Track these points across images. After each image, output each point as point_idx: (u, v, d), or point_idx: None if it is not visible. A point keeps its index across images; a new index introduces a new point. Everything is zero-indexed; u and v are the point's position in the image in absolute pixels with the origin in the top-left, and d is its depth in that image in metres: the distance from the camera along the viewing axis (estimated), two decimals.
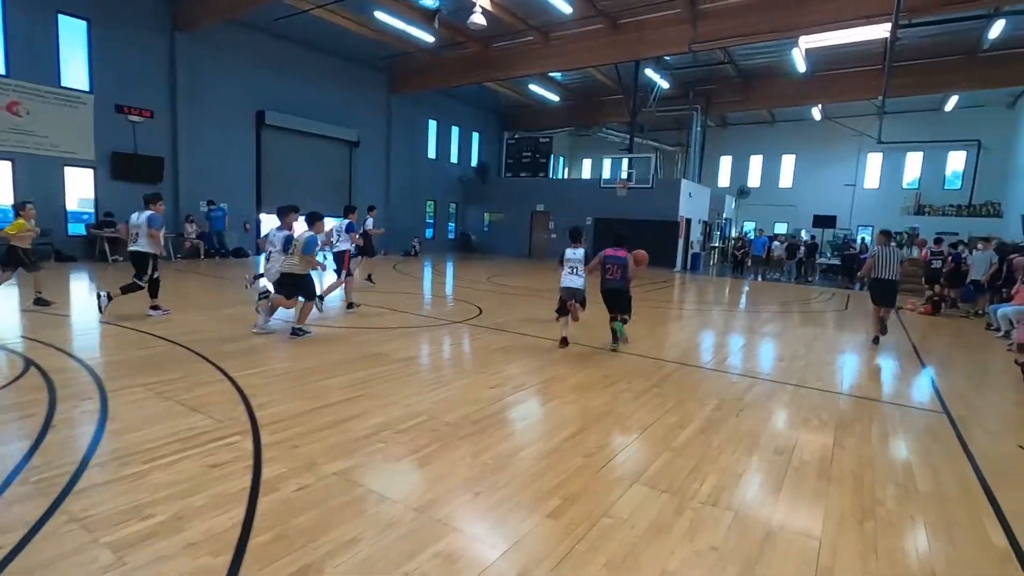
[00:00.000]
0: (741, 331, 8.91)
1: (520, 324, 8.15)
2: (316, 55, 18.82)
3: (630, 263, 6.59)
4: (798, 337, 8.48)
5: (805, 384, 5.64)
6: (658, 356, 6.59)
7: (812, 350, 7.50)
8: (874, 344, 8.20)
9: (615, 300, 6.71)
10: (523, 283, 13.90)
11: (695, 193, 22.46)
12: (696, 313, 10.67)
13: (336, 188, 20.42)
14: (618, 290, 6.63)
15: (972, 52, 17.49)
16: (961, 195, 24.74)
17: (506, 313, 9.14)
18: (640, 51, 16.29)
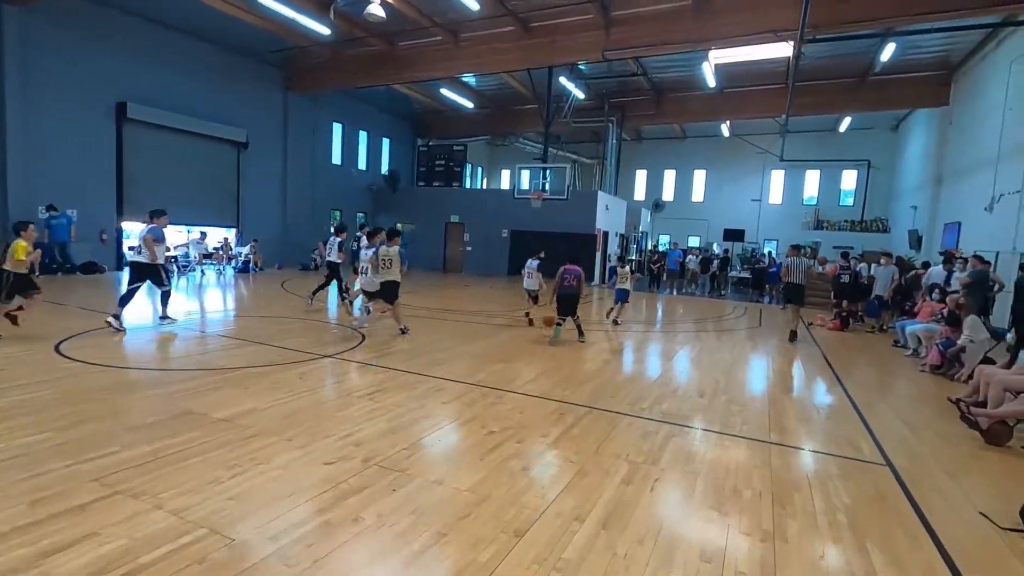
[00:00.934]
0: (658, 357, 8.10)
1: (406, 356, 6.85)
2: (196, 44, 16.61)
3: (582, 276, 8.59)
4: (716, 363, 7.77)
5: (730, 431, 4.76)
6: (563, 397, 5.51)
7: (732, 380, 6.76)
8: (791, 341, 9.96)
9: (570, 304, 8.55)
10: (428, 302, 12.57)
11: (612, 206, 22.14)
12: (610, 335, 9.81)
13: (221, 194, 18.14)
14: (573, 295, 8.49)
15: (865, 75, 18.32)
16: (854, 211, 26.23)
17: (396, 342, 7.78)
18: (552, 56, 15.57)
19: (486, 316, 10.82)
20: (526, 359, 7.18)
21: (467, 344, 7.92)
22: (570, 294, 8.43)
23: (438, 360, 6.69)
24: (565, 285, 8.42)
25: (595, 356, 7.70)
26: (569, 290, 8.41)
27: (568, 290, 8.42)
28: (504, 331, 9.24)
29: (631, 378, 6.77)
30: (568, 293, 8.43)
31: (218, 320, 9.19)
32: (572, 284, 8.38)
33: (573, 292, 8.41)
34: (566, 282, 8.41)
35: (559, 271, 8.54)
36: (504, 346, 7.98)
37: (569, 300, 8.46)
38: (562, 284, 8.45)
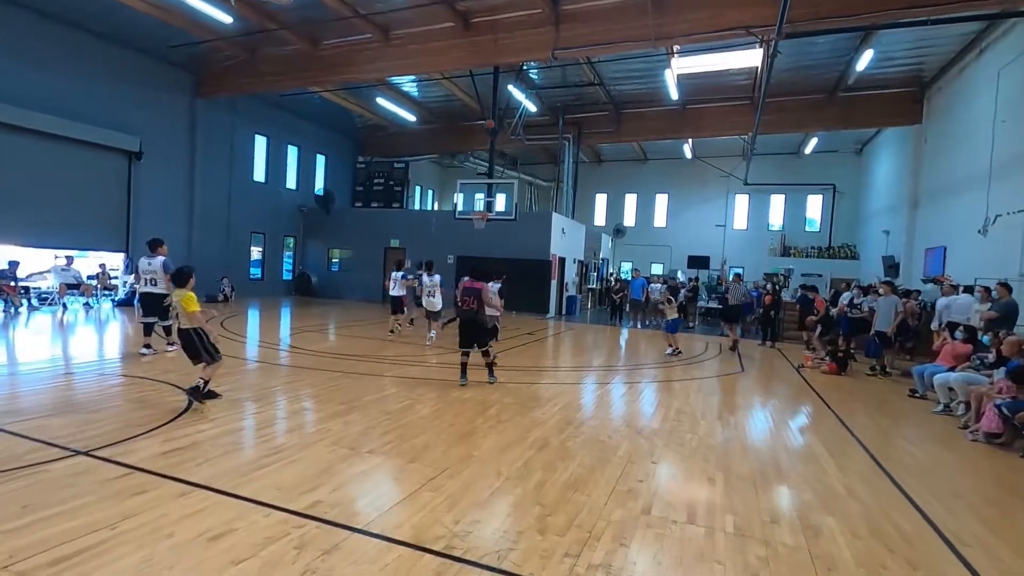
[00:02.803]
0: (621, 430, 5.78)
1: (217, 450, 4.34)
2: (75, 34, 13.93)
3: (485, 294, 7.12)
4: (705, 445, 5.52)
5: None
6: (448, 540, 3.11)
7: (732, 473, 4.49)
8: (731, 351, 11.37)
9: (470, 331, 6.99)
10: (341, 345, 10.02)
11: (569, 229, 20.16)
12: (562, 392, 7.50)
13: (106, 212, 15.21)
14: (472, 320, 6.97)
15: (834, 91, 17.09)
16: (820, 237, 25.11)
17: (203, 423, 5.25)
18: (496, 56, 13.59)
19: (405, 361, 8.38)
20: (410, 438, 4.77)
21: (338, 416, 5.45)
22: (469, 318, 6.90)
23: (265, 460, 4.19)
24: (463, 308, 6.90)
25: (533, 428, 5.33)
26: (467, 314, 6.88)
27: (467, 313, 6.89)
28: (419, 388, 6.81)
29: (588, 470, 4.42)
30: (467, 318, 6.91)
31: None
32: (471, 305, 6.86)
33: (472, 316, 6.90)
34: (464, 303, 6.90)
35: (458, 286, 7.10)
36: (395, 414, 5.54)
37: (469, 326, 6.94)
38: (460, 307, 6.93)
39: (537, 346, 11.22)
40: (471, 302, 6.88)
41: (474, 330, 6.94)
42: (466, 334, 6.94)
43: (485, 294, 6.89)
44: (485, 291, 6.89)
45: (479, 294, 6.91)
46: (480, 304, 6.86)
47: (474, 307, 6.87)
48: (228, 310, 14.87)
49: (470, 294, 6.91)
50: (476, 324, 6.95)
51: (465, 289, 6.98)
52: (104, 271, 14.31)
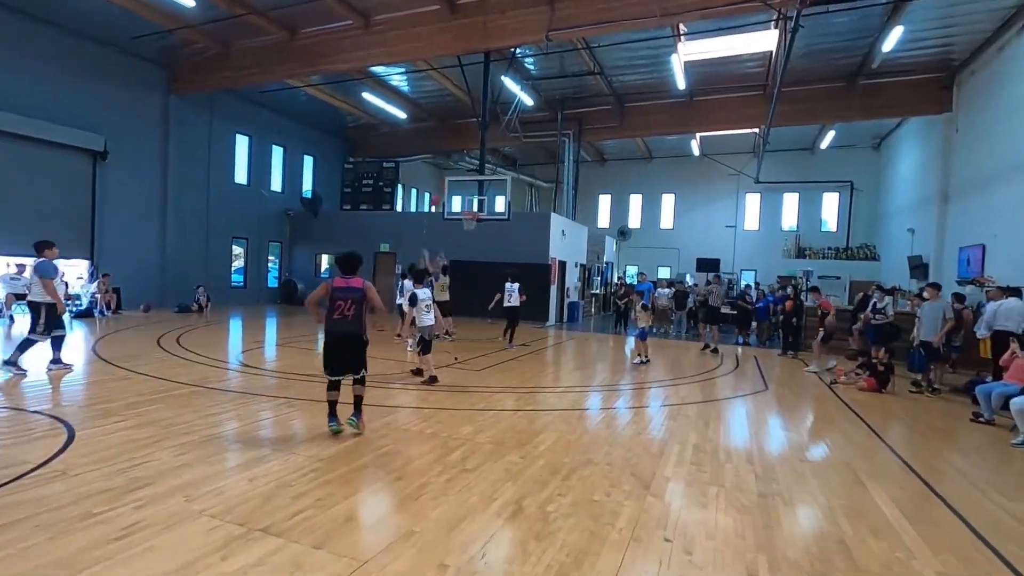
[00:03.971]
0: (623, 482, 4.47)
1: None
2: (27, 25, 12.85)
3: (371, 296, 4.92)
4: (737, 501, 4.22)
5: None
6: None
7: (779, 557, 3.18)
8: (705, 351, 11.77)
9: (347, 351, 4.92)
10: (288, 363, 8.78)
11: (570, 231, 18.89)
12: (551, 422, 6.22)
13: (69, 214, 14.09)
14: (352, 335, 4.91)
15: (855, 78, 15.76)
16: (837, 238, 23.71)
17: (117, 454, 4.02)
18: (486, 40, 12.39)
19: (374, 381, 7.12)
20: (332, 503, 3.51)
21: (242, 468, 4.20)
22: (345, 333, 4.88)
23: (107, 549, 2.95)
24: (335, 318, 4.86)
25: (491, 466, 4.03)
26: (343, 325, 4.86)
27: (340, 326, 4.86)
28: (375, 419, 5.54)
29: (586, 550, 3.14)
30: (342, 331, 4.88)
31: None
32: (347, 314, 4.83)
33: (349, 331, 4.87)
34: (337, 312, 4.84)
35: (323, 287, 5.02)
36: (327, 462, 4.28)
37: (343, 345, 4.89)
38: (330, 316, 4.88)
39: (531, 360, 9.93)
40: (347, 308, 4.83)
41: (351, 350, 4.92)
42: (338, 356, 4.90)
43: (371, 296, 4.91)
44: (370, 292, 4.90)
45: (360, 298, 4.87)
46: (362, 312, 4.90)
47: (350, 316, 4.84)
48: (199, 321, 13.68)
49: (346, 296, 4.84)
50: (355, 342, 4.92)
51: (337, 290, 4.85)
52: (61, 279, 13.12)
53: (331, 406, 4.93)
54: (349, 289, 4.86)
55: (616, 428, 5.65)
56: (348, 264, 5.00)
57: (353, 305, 4.84)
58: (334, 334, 4.91)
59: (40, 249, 7.09)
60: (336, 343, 4.91)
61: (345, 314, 4.83)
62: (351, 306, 4.83)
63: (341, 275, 4.98)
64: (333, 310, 4.85)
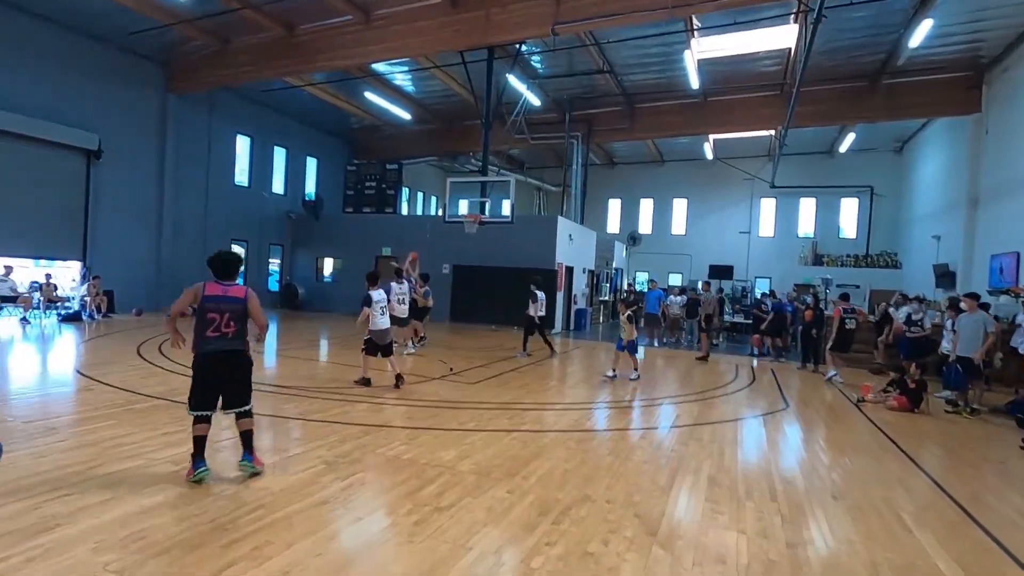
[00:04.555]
0: (625, 527, 3.84)
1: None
2: (17, 19, 12.54)
3: (254, 309, 3.93)
4: (762, 553, 3.57)
5: None
6: None
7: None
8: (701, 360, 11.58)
9: (228, 377, 3.85)
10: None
11: (577, 236, 18.25)
12: (547, 446, 5.60)
13: (61, 214, 13.72)
14: (235, 353, 3.85)
15: (877, 77, 15.03)
16: (856, 245, 22.84)
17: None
18: (488, 34, 11.85)
19: (360, 395, 6.54)
20: (275, 551, 2.92)
21: (131, 522, 3.62)
22: (225, 351, 3.81)
23: None
24: (210, 335, 3.78)
25: (470, 504, 3.43)
26: (220, 343, 3.79)
27: (217, 344, 3.79)
28: (345, 442, 4.95)
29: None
30: (220, 350, 3.80)
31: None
32: (225, 331, 3.80)
33: (229, 349, 3.82)
34: (212, 328, 3.78)
35: (191, 292, 3.87)
36: (253, 507, 3.69)
37: (223, 367, 3.82)
38: (202, 334, 3.79)
39: (531, 372, 9.30)
40: (224, 323, 3.81)
41: (233, 376, 3.88)
42: (214, 385, 3.85)
43: (254, 308, 3.95)
44: (253, 303, 3.96)
45: (242, 311, 3.88)
46: (244, 328, 3.92)
47: (230, 332, 3.83)
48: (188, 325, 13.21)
49: (222, 308, 3.81)
50: (238, 363, 3.90)
51: (211, 300, 3.81)
52: (48, 282, 12.75)
53: (199, 444, 3.79)
54: (227, 299, 3.81)
55: (620, 454, 5.00)
56: (225, 266, 3.92)
57: (232, 320, 3.81)
58: (210, 355, 3.77)
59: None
60: (213, 367, 3.79)
61: (223, 331, 3.78)
62: (229, 321, 3.79)
63: (216, 280, 3.88)
64: (206, 326, 3.76)
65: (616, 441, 5.42)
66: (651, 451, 5.16)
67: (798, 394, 8.71)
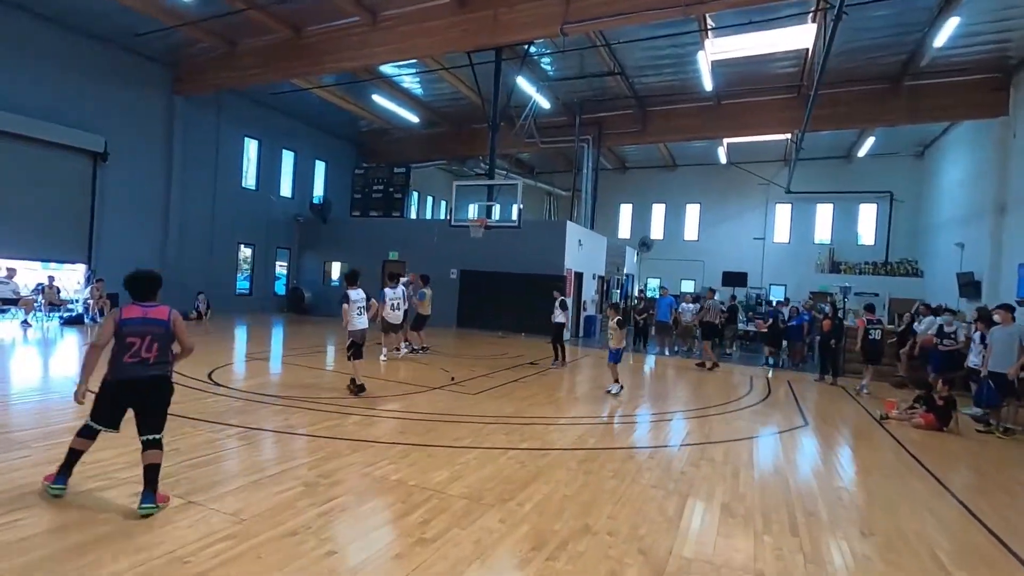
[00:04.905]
0: (629, 572, 3.50)
1: None
2: (23, 20, 12.51)
3: (178, 330, 3.63)
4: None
5: None
6: None
7: None
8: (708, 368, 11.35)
9: (143, 402, 3.49)
10: (253, 383, 7.96)
11: (587, 241, 17.89)
12: (545, 467, 5.25)
13: (67, 217, 13.67)
14: (156, 379, 3.52)
15: (899, 79, 14.54)
16: (875, 252, 22.19)
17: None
18: (496, 35, 11.59)
19: (352, 404, 6.24)
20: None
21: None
22: (146, 377, 3.46)
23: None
24: (127, 361, 3.42)
25: (456, 538, 3.09)
26: (141, 370, 3.44)
27: (138, 370, 3.43)
28: (327, 461, 4.64)
29: None
30: (140, 377, 3.44)
31: None
32: (145, 356, 3.44)
33: (153, 375, 3.48)
34: (129, 354, 3.41)
35: (110, 320, 3.49)
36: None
37: (144, 394, 3.48)
38: (118, 359, 3.43)
39: (537, 382, 8.95)
40: (145, 348, 3.45)
41: (150, 401, 3.53)
42: (121, 406, 3.50)
43: (179, 331, 3.64)
44: (179, 326, 3.64)
45: (165, 334, 3.54)
46: (167, 353, 3.60)
47: (151, 358, 3.48)
48: (194, 330, 13.05)
49: (143, 332, 3.46)
50: (159, 389, 3.56)
51: (130, 323, 3.44)
52: (51, 284, 12.66)
53: (71, 456, 3.49)
54: (147, 322, 3.47)
55: (626, 476, 4.64)
56: (143, 287, 3.57)
57: (155, 343, 3.48)
58: (126, 383, 3.44)
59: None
60: (128, 391, 3.46)
61: (143, 356, 3.43)
62: (152, 344, 3.46)
63: (134, 301, 3.54)
64: (124, 350, 3.41)
65: (622, 461, 5.05)
66: (659, 473, 4.78)
67: (817, 409, 8.27)
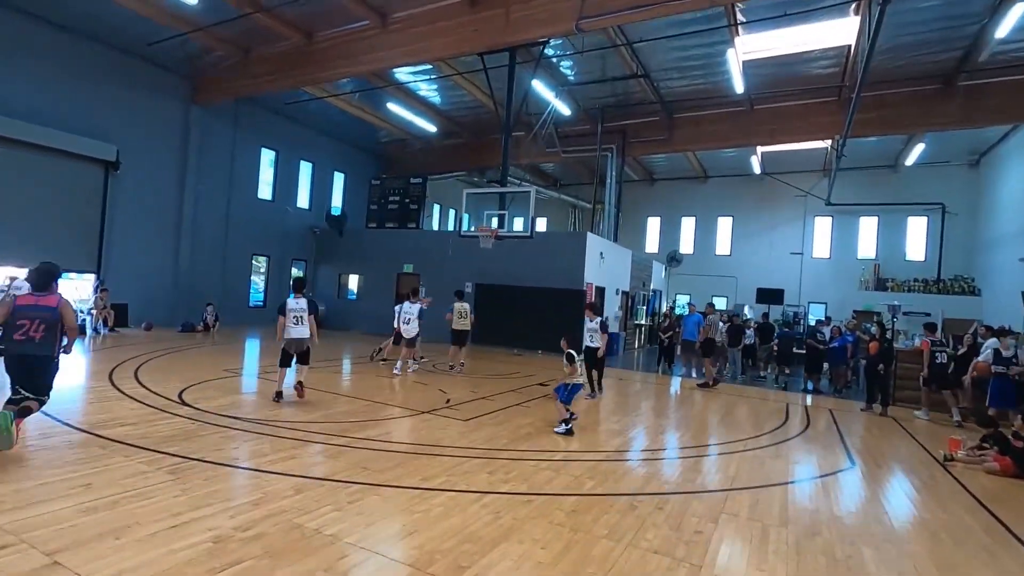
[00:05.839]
0: None
1: None
2: (35, 27, 12.49)
3: (66, 317, 4.52)
4: None
5: None
6: None
7: None
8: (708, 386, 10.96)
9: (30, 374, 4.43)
10: (230, 401, 7.30)
11: (610, 254, 16.95)
12: (525, 523, 4.37)
13: (77, 225, 13.52)
14: (40, 358, 4.44)
15: (952, 79, 13.29)
16: (926, 268, 20.51)
17: None
18: (508, 33, 10.94)
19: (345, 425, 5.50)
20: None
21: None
22: (30, 355, 4.42)
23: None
24: (17, 338, 4.35)
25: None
26: (26, 347, 4.38)
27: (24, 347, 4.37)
28: (247, 508, 3.88)
29: None
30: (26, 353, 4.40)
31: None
32: (32, 335, 4.36)
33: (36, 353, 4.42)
34: (19, 330, 4.35)
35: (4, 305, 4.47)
36: None
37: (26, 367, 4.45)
38: (9, 336, 4.38)
39: (541, 407, 8.05)
40: (34, 329, 4.37)
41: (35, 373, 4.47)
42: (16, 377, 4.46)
43: (67, 316, 4.53)
44: (66, 312, 4.54)
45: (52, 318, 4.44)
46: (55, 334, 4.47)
47: (37, 337, 4.38)
48: (197, 342, 12.65)
49: (34, 316, 4.40)
50: (42, 364, 4.49)
51: (23, 309, 4.40)
52: None
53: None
54: (38, 308, 4.39)
55: (623, 535, 3.72)
56: (40, 279, 4.51)
57: (43, 325, 4.37)
58: (15, 356, 4.38)
59: None
60: (18, 365, 4.40)
61: (30, 335, 4.33)
62: (39, 326, 4.36)
63: (31, 291, 4.51)
64: (14, 330, 4.30)
65: (621, 513, 4.13)
66: (666, 532, 3.84)
67: (865, 446, 7.12)
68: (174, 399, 6.65)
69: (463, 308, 10.93)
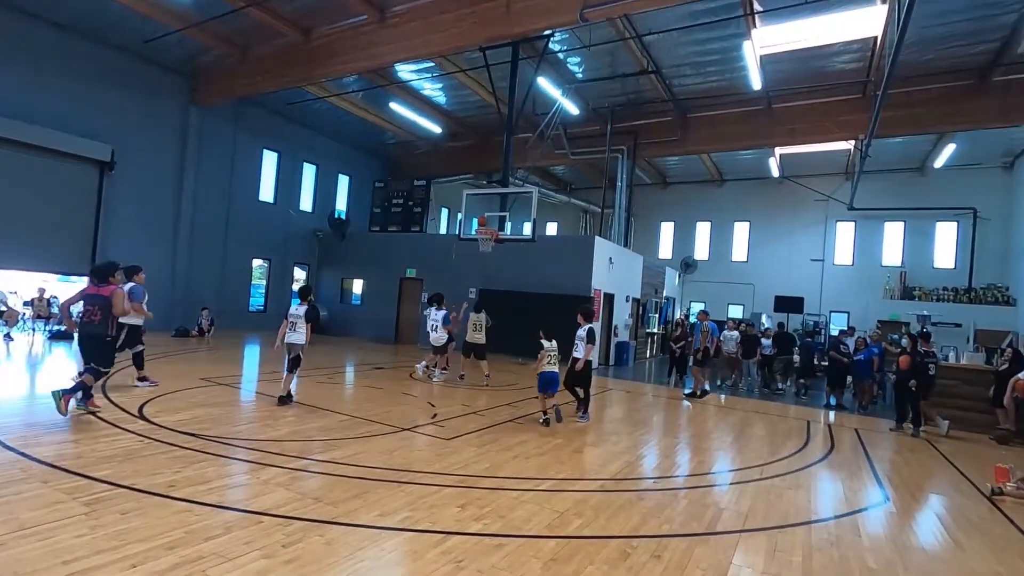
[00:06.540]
0: None
1: None
2: (27, 24, 12.24)
3: (113, 303, 5.73)
4: None
5: None
6: None
7: None
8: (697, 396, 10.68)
9: (90, 348, 5.80)
10: (203, 416, 6.75)
11: (619, 259, 16.25)
12: (500, 572, 3.72)
13: (70, 227, 13.22)
14: (95, 336, 5.76)
15: (985, 74, 12.42)
16: (956, 276, 19.44)
17: None
18: (509, 25, 10.36)
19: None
20: None
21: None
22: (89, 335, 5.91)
23: None
24: (85, 321, 5.89)
25: None
26: (87, 328, 5.87)
27: (86, 328, 5.88)
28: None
29: None
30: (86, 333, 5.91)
31: None
32: (93, 318, 5.79)
33: (92, 333, 5.86)
34: (86, 315, 5.88)
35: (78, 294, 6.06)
36: None
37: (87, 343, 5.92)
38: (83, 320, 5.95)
39: (535, 423, 7.38)
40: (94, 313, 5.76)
41: (94, 347, 5.77)
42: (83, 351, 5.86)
43: (115, 302, 5.80)
44: (115, 298, 5.82)
45: (105, 304, 5.75)
46: (108, 315, 5.75)
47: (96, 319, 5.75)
48: (187, 347, 12.22)
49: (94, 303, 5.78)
50: (98, 341, 5.76)
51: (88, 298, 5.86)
52: (42, 296, 12.12)
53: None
54: (97, 297, 5.71)
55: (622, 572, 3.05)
56: (98, 273, 5.89)
57: (100, 311, 5.68)
58: (82, 335, 5.77)
59: (130, 274, 7.45)
60: (83, 342, 5.76)
61: (92, 319, 5.66)
62: (97, 311, 5.67)
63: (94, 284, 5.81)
64: (82, 314, 5.78)
65: (611, 564, 3.45)
66: (676, 571, 3.17)
67: (899, 474, 6.33)
68: (133, 412, 6.12)
69: (479, 320, 10.41)
